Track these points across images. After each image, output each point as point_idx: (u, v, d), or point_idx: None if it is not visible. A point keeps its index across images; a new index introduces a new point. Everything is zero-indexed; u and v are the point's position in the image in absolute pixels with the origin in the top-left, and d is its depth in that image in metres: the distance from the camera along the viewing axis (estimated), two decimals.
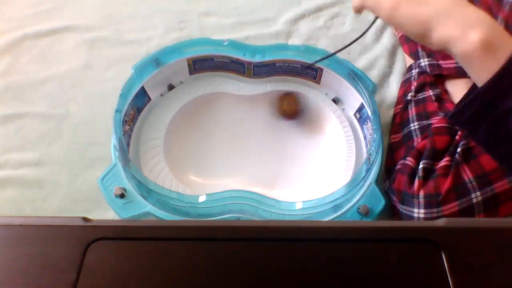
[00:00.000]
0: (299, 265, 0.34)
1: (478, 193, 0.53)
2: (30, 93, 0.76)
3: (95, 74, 0.79)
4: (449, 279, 0.32)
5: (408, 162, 0.58)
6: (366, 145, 0.66)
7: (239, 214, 0.56)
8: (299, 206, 0.55)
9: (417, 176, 0.56)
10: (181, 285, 0.33)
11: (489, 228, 0.36)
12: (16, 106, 0.74)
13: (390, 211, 0.60)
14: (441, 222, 0.36)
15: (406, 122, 0.65)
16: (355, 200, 0.57)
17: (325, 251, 0.35)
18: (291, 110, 0.70)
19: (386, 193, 0.60)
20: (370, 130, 0.63)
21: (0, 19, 0.86)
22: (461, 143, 0.56)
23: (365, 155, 0.65)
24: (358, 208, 0.56)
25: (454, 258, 0.33)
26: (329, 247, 0.35)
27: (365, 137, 0.67)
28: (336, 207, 0.56)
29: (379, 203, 0.56)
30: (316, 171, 0.66)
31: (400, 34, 0.79)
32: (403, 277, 0.33)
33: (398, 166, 0.59)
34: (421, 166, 0.56)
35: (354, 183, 0.56)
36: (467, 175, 0.54)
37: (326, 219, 0.56)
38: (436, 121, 0.61)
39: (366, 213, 0.55)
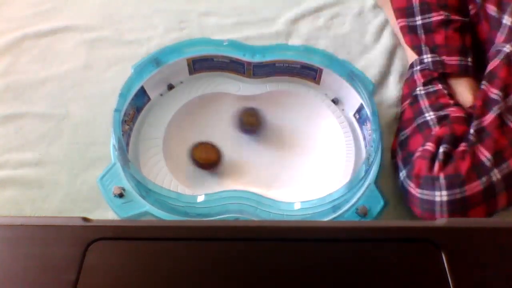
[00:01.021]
0: (298, 265, 0.34)
1: (496, 171, 0.54)
2: (30, 93, 0.76)
3: (95, 74, 0.78)
4: (449, 279, 0.32)
5: (428, 147, 0.58)
6: (365, 146, 0.66)
7: (237, 214, 0.56)
8: (297, 206, 0.55)
9: (437, 159, 0.56)
10: (181, 284, 0.33)
11: (489, 228, 0.36)
12: (16, 106, 0.74)
13: (389, 211, 0.60)
14: (441, 222, 0.36)
15: (419, 113, 0.64)
16: (354, 200, 0.57)
17: (325, 251, 0.35)
18: (251, 124, 0.69)
19: (402, 185, 0.59)
20: (370, 131, 0.63)
21: (0, 19, 0.86)
22: (473, 124, 0.57)
23: (364, 155, 0.65)
24: (357, 209, 0.56)
25: (454, 258, 0.33)
26: (328, 247, 0.35)
27: (364, 138, 0.67)
28: (335, 208, 0.56)
29: (378, 204, 0.56)
30: (315, 172, 0.66)
31: (401, 24, 0.76)
32: (403, 277, 0.33)
33: (417, 154, 0.59)
34: (441, 150, 0.57)
35: (353, 183, 0.56)
36: (484, 154, 0.54)
37: (325, 219, 0.56)
38: (453, 111, 0.61)
39: (365, 213, 0.55)
